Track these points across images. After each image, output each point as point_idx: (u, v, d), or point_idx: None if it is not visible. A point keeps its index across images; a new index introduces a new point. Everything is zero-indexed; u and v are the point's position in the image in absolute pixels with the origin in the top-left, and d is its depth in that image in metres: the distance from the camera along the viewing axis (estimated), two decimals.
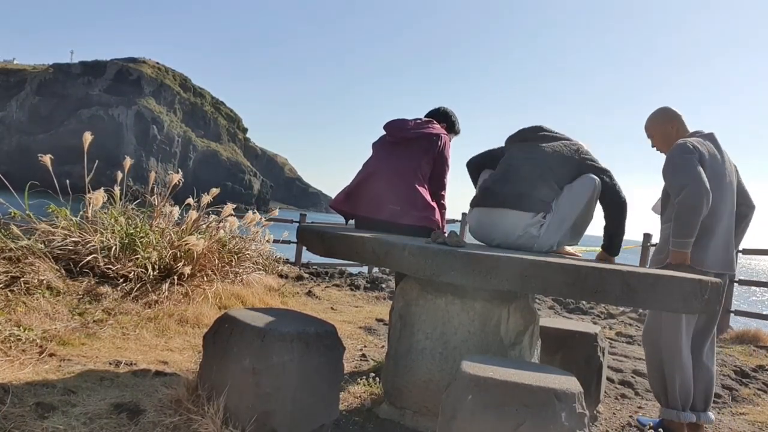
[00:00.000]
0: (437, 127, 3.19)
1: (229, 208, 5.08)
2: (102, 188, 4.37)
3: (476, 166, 3.08)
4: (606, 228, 2.81)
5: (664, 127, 2.97)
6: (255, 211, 5.73)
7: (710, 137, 2.88)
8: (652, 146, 3.06)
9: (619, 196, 2.73)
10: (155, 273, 3.97)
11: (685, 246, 2.69)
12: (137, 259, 3.97)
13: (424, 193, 3.04)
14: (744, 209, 3.02)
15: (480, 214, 2.78)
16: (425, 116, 3.35)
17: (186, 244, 4.22)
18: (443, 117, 3.36)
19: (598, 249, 4.04)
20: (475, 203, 2.83)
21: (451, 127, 3.38)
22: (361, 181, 3.14)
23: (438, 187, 3.17)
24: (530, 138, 2.88)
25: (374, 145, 3.27)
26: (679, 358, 2.77)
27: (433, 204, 3.07)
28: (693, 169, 2.65)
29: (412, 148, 3.10)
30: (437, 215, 3.07)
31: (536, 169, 2.70)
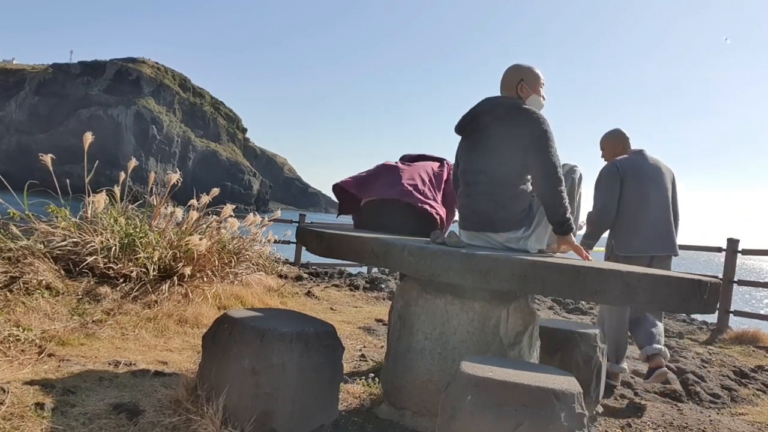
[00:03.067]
0: (442, 161, 3.44)
1: (228, 208, 5.08)
2: (104, 189, 4.36)
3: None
4: (546, 212, 2.47)
5: (613, 145, 3.83)
6: (255, 212, 5.74)
7: (638, 153, 3.73)
8: (602, 157, 3.88)
9: (550, 163, 2.41)
10: (155, 273, 3.97)
11: (590, 246, 3.67)
12: (137, 259, 3.97)
13: (434, 186, 3.18)
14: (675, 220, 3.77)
15: (468, 235, 2.67)
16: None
17: (186, 244, 4.22)
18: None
19: (602, 249, 4.09)
20: (461, 226, 2.74)
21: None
22: (377, 172, 3.28)
23: (450, 201, 3.29)
24: (469, 130, 2.63)
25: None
26: (617, 329, 3.65)
27: (439, 199, 3.14)
28: (607, 190, 3.59)
29: (423, 164, 3.34)
30: (440, 209, 3.10)
31: (494, 178, 2.50)
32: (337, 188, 3.26)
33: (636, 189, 3.59)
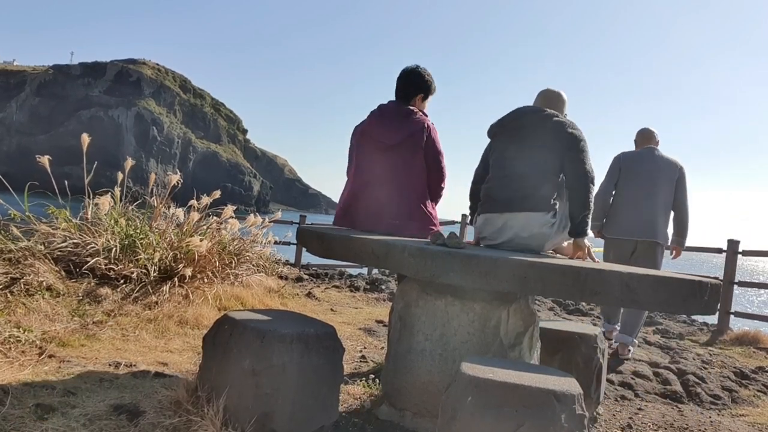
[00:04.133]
0: (419, 118, 3.07)
1: (229, 209, 5.08)
2: (108, 192, 4.37)
3: (475, 194, 3.00)
4: (570, 207, 2.68)
5: (636, 140, 4.55)
6: (255, 213, 5.75)
7: (648, 149, 4.35)
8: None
9: (584, 169, 2.65)
10: (156, 274, 3.97)
11: (597, 227, 4.39)
12: (138, 260, 3.97)
13: (422, 202, 3.04)
14: (677, 212, 4.30)
15: (487, 218, 2.77)
16: (399, 82, 3.20)
17: (187, 245, 4.22)
18: (420, 81, 3.19)
19: (601, 249, 4.12)
20: (481, 211, 2.83)
21: (428, 91, 3.23)
22: (357, 194, 3.10)
23: (438, 179, 3.12)
24: (510, 127, 2.82)
25: (357, 135, 3.15)
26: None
27: (432, 211, 3.08)
28: (606, 177, 4.34)
29: (400, 150, 3.02)
30: (437, 223, 3.08)
31: (530, 165, 2.69)
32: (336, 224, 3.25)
33: (628, 179, 4.24)
